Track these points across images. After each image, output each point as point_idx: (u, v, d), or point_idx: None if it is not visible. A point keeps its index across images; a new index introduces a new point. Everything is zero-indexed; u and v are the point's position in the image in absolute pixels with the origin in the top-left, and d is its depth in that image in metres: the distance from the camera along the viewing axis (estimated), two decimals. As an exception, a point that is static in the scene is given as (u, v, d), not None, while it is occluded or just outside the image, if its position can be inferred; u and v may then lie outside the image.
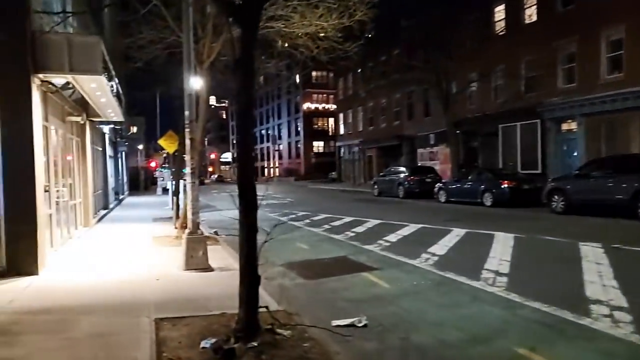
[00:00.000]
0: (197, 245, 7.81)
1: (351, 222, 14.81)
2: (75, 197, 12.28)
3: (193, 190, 7.94)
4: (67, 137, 11.41)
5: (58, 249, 9.61)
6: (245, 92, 4.66)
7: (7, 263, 7.14)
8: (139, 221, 16.18)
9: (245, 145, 4.76)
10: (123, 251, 9.90)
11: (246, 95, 4.68)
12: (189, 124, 8.00)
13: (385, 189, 26.19)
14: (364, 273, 8.03)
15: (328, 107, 62.02)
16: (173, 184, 21.14)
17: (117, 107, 12.32)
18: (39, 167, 7.56)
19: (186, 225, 11.33)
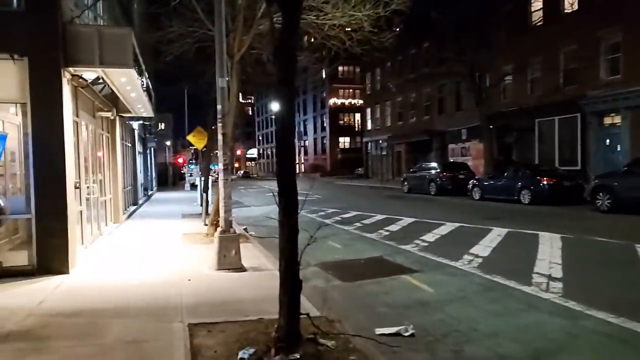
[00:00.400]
0: (229, 244, 7.51)
1: (384, 220, 14.34)
2: (105, 193, 12.19)
3: (226, 187, 7.63)
4: (98, 132, 11.30)
5: (88, 247, 9.48)
6: (286, 83, 4.28)
7: (37, 262, 6.97)
8: (168, 217, 16.08)
9: (286, 140, 4.38)
10: (153, 249, 9.71)
11: (287, 86, 4.29)
12: (221, 119, 7.69)
13: (415, 186, 25.55)
14: (403, 275, 7.59)
15: (354, 102, 61.35)
16: (202, 180, 21.09)
17: (147, 102, 12.15)
18: (70, 163, 7.38)
19: (217, 223, 11.11)
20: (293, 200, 4.30)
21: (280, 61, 4.21)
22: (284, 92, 4.31)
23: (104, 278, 7.07)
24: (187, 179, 41.33)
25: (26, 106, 6.99)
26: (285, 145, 4.37)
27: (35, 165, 6.96)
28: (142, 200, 22.00)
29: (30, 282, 6.63)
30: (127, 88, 9.75)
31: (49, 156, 7.02)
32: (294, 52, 4.31)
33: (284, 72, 4.23)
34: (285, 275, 4.26)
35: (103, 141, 12.10)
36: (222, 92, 7.72)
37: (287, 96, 4.31)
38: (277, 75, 4.31)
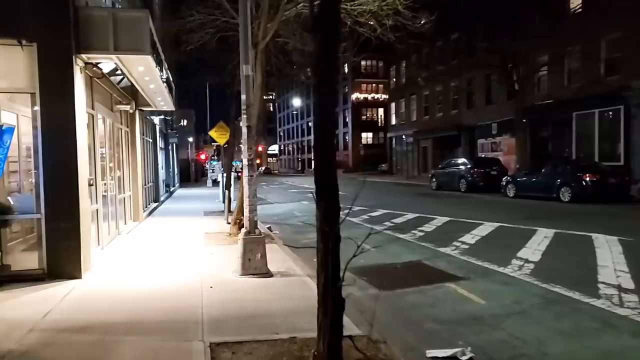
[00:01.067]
0: (255, 247, 6.83)
1: (416, 219, 13.51)
2: (124, 190, 11.67)
3: (250, 185, 6.94)
4: (116, 126, 10.76)
5: (105, 247, 8.93)
6: (326, 60, 3.53)
7: (47, 266, 6.41)
8: (190, 215, 15.55)
9: (326, 134, 3.61)
10: (174, 250, 9.11)
11: (327, 64, 3.54)
12: (246, 110, 6.99)
13: (444, 182, 24.55)
14: (448, 284, 6.78)
15: (378, 97, 60.24)
16: (224, 176, 20.56)
17: (167, 95, 11.57)
18: (82, 159, 6.78)
19: (240, 222, 10.47)
20: (334, 205, 3.57)
21: (320, 33, 3.45)
22: (323, 72, 3.56)
23: (119, 284, 6.46)
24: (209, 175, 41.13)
25: (35, 96, 6.42)
26: (324, 140, 3.60)
27: (44, 161, 6.39)
28: (163, 196, 21.59)
29: (39, 288, 6.06)
30: (145, 79, 9.14)
31: (59, 151, 6.44)
32: (335, 22, 3.56)
33: (323, 47, 3.49)
34: (325, 293, 3.53)
35: (122, 136, 11.57)
36: (246, 80, 7.02)
37: (327, 78, 3.57)
38: (315, 52, 3.58)
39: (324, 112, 3.60)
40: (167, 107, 14.16)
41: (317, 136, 3.61)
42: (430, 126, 36.66)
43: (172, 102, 13.25)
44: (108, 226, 9.54)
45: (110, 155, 9.96)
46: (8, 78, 6.46)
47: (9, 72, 6.44)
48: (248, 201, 6.96)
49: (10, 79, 6.47)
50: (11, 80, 6.47)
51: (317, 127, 3.62)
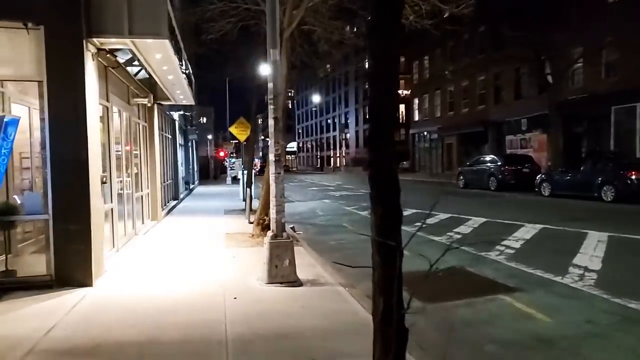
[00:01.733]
0: (282, 252, 6.12)
1: (449, 220, 12.65)
2: (141, 188, 11.10)
3: (277, 183, 6.23)
4: (133, 121, 10.18)
5: (121, 249, 8.35)
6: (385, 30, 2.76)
7: (55, 271, 5.81)
8: (209, 213, 14.97)
9: (382, 121, 2.83)
10: (193, 252, 8.47)
11: (386, 35, 2.77)
12: (273, 100, 6.27)
13: (472, 180, 23.54)
14: (501, 295, 5.97)
15: (399, 92, 58.98)
16: (244, 173, 19.97)
17: (186, 87, 10.95)
18: (94, 154, 6.17)
19: (263, 222, 9.80)
20: (395, 212, 2.80)
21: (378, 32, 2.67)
22: (380, 46, 2.80)
23: (133, 293, 5.82)
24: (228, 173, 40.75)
25: (42, 85, 5.81)
26: (382, 132, 2.82)
27: (52, 156, 5.79)
28: (183, 194, 21.12)
29: (45, 297, 5.46)
30: (163, 68, 8.52)
31: (68, 145, 5.83)
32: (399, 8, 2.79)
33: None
34: (385, 323, 2.77)
35: (139, 130, 11.00)
36: (274, 66, 6.31)
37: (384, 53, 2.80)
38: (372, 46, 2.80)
39: (381, 97, 2.83)
40: (187, 101, 13.57)
41: (373, 127, 2.83)
42: (455, 122, 35.53)
43: (191, 95, 12.65)
44: (124, 226, 8.96)
45: (126, 151, 9.38)
46: (13, 65, 5.88)
47: (14, 58, 5.86)
48: (275, 201, 6.26)
49: (16, 66, 5.89)
50: (17, 68, 5.90)
51: (373, 115, 2.84)
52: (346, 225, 12.75)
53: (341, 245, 9.77)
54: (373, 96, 2.85)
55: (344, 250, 9.29)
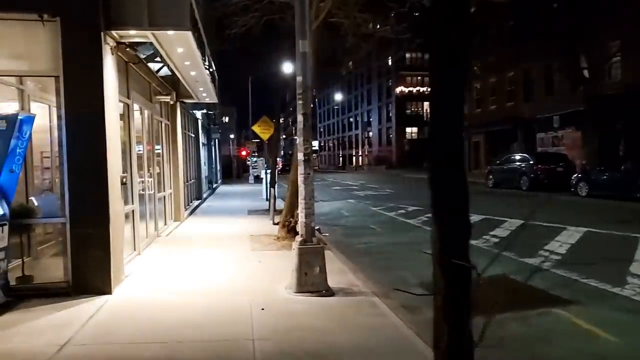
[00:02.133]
0: (312, 259, 5.67)
1: (483, 222, 12.02)
2: (164, 188, 10.81)
3: (307, 184, 5.78)
4: (155, 119, 9.87)
5: (142, 252, 8.02)
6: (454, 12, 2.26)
7: (73, 278, 5.47)
8: (233, 214, 14.64)
9: (450, 114, 2.32)
10: (217, 255, 8.09)
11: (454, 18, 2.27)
12: (302, 94, 5.81)
13: (503, 179, 22.71)
14: (555, 309, 5.39)
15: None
16: (267, 172, 19.62)
17: (209, 84, 10.60)
18: (114, 153, 5.81)
19: (288, 225, 9.37)
20: (464, 224, 2.31)
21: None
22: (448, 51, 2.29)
23: (155, 302, 5.44)
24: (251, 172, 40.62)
25: (59, 80, 5.48)
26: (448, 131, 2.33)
27: (68, 156, 5.46)
28: (206, 193, 20.91)
29: (62, 306, 5.12)
30: (186, 64, 8.15)
31: (85, 144, 5.49)
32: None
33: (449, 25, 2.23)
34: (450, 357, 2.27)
35: (162, 129, 10.70)
36: (303, 58, 5.85)
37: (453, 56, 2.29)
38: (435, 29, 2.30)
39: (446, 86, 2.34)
40: (210, 99, 13.25)
41: (436, 121, 2.35)
42: (482, 120, 34.53)
43: (215, 93, 12.31)
44: (146, 228, 8.65)
45: (148, 150, 9.06)
46: (28, 60, 5.57)
47: (29, 52, 5.54)
48: (304, 203, 5.80)
49: (31, 61, 5.58)
50: (32, 62, 5.58)
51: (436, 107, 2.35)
52: (373, 227, 12.24)
53: (370, 249, 9.27)
54: (436, 86, 2.36)
55: (373, 254, 8.79)
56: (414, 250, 9.01)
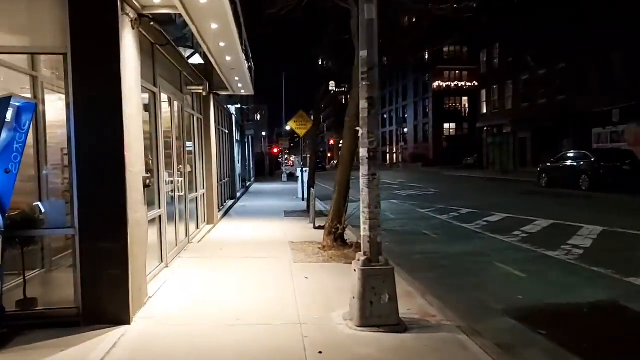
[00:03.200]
0: (380, 284, 4.44)
1: (553, 228, 10.55)
2: (196, 188, 9.79)
3: (372, 188, 4.54)
4: (186, 112, 8.84)
5: (170, 262, 6.98)
6: None
7: (83, 304, 4.42)
8: (269, 215, 13.57)
9: None
10: (256, 268, 6.95)
11: None
12: (367, 73, 4.56)
13: (558, 178, 20.88)
14: None
15: (462, 84, 55.77)
16: (303, 171, 18.52)
17: (246, 71, 9.50)
18: (134, 150, 4.74)
19: (337, 232, 8.17)
20: None
21: None
22: None
23: (184, 335, 4.33)
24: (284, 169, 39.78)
25: (67, 59, 4.42)
26: None
27: (77, 153, 4.40)
28: (240, 192, 19.97)
29: (67, 341, 4.07)
30: (220, 45, 7.05)
31: (98, 138, 4.43)
32: None
33: None
34: None
35: (193, 124, 9.67)
36: (369, 27, 4.59)
37: None
38: None
39: None
40: (246, 91, 12.17)
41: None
42: (530, 115, 32.41)
43: (251, 83, 11.22)
44: (175, 234, 7.62)
45: (178, 147, 8.03)
46: (31, 34, 4.54)
47: (32, 25, 4.51)
48: (368, 212, 4.57)
49: (35, 35, 4.54)
50: (35, 37, 4.54)
51: None
52: (427, 232, 10.91)
53: (430, 260, 7.98)
54: None
55: (436, 267, 7.50)
56: (483, 263, 7.68)
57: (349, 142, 8.11)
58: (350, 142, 8.15)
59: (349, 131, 8.15)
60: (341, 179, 8.20)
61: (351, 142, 8.16)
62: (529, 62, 29.99)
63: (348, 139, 8.13)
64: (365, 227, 4.60)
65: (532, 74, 32.32)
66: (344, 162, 8.26)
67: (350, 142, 8.13)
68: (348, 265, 7.27)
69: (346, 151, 8.21)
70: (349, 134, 8.14)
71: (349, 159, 8.22)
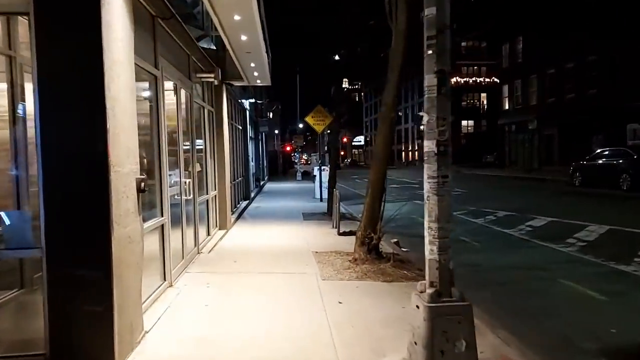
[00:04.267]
0: (454, 327, 3.25)
1: (612, 235, 9.25)
2: (207, 190, 8.66)
3: (442, 195, 3.32)
4: (195, 103, 7.69)
5: (176, 281, 5.85)
6: None
7: (51, 348, 3.28)
8: (286, 219, 12.42)
9: None
10: (276, 288, 5.78)
11: None
12: (435, 38, 3.33)
13: (594, 178, 19.45)
14: None
15: (480, 80, 54.08)
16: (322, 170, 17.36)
17: (264, 55, 8.32)
18: (123, 146, 3.59)
19: (370, 242, 6.97)
20: None
21: None
22: None
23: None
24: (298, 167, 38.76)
25: (30, 21, 3.29)
26: None
27: (43, 146, 3.26)
28: (254, 192, 18.85)
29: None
30: (235, 18, 5.88)
31: (70, 127, 3.28)
32: None
33: None
34: None
35: (204, 117, 8.53)
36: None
37: None
38: None
39: None
40: (262, 80, 10.99)
41: None
42: (557, 110, 30.82)
43: (268, 72, 10.04)
44: (182, 245, 6.48)
45: (185, 143, 6.89)
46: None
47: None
48: (436, 229, 3.36)
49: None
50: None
51: None
52: (465, 239, 9.66)
53: (478, 275, 6.74)
54: None
55: (490, 285, 6.29)
56: (545, 280, 6.44)
57: (385, 135, 6.92)
58: (386, 136, 6.96)
59: (384, 122, 6.97)
60: (375, 179, 7.00)
61: (387, 136, 6.96)
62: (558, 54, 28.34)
63: (383, 131, 6.94)
64: (432, 248, 3.39)
65: (559, 67, 30.71)
66: (378, 159, 7.06)
67: (385, 135, 6.95)
68: (387, 284, 6.09)
69: (381, 146, 7.01)
70: (385, 126, 6.95)
71: (384, 155, 7.02)
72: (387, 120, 6.90)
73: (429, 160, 3.42)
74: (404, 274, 6.34)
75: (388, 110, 6.80)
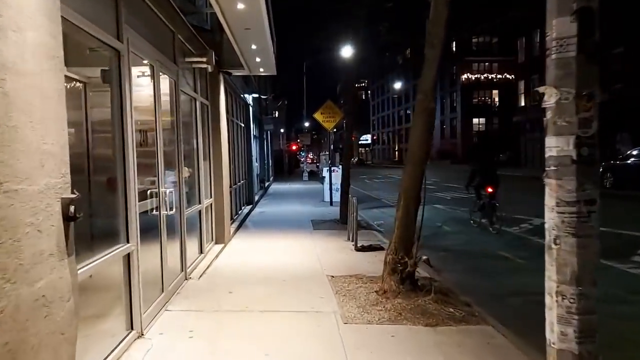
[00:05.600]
0: None
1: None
2: (199, 198, 7.18)
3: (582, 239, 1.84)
4: (183, 93, 6.21)
5: (149, 325, 4.37)
6: None
7: None
8: (293, 227, 10.96)
9: None
10: (283, 342, 4.29)
11: None
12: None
13: (628, 180, 17.84)
14: None
15: (492, 77, 52.30)
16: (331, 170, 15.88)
17: (268, 38, 6.80)
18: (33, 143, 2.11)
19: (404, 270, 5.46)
20: None
21: None
22: None
23: None
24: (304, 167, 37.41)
25: None
26: None
27: None
28: (258, 195, 17.36)
29: None
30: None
31: None
32: None
33: None
34: None
35: (195, 110, 7.05)
36: None
37: None
38: None
39: None
40: (266, 69, 9.44)
41: None
42: (578, 106, 29.14)
43: (273, 58, 8.51)
44: (161, 273, 5.00)
45: (168, 142, 5.42)
46: None
47: None
48: (577, 294, 1.88)
49: None
50: None
51: None
52: (505, 254, 8.17)
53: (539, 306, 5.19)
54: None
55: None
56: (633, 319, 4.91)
57: (422, 130, 5.41)
58: (424, 131, 5.45)
59: (421, 115, 5.45)
60: (410, 186, 5.48)
61: (425, 131, 5.45)
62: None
63: (420, 126, 5.43)
64: (565, 330, 1.90)
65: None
66: (414, 160, 5.53)
67: (423, 130, 5.43)
68: (432, 330, 4.53)
69: (417, 144, 5.50)
70: (421, 119, 5.44)
71: (421, 155, 5.51)
72: (424, 113, 5.38)
73: (558, 172, 1.95)
74: (450, 313, 4.83)
75: (426, 99, 5.30)
